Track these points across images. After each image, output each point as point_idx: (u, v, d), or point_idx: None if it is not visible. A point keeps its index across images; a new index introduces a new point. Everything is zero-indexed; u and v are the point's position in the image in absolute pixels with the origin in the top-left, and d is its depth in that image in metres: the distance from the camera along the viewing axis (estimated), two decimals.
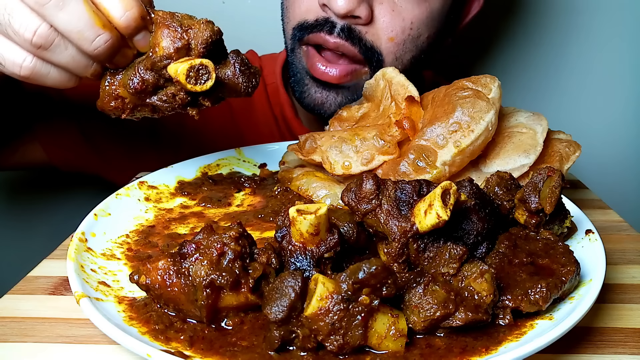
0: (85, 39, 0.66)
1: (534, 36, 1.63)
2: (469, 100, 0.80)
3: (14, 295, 0.69)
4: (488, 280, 0.56)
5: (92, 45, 0.67)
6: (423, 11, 1.08)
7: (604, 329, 0.63)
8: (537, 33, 1.62)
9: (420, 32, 1.09)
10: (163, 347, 0.54)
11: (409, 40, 1.08)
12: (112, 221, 0.79)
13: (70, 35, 0.66)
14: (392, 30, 1.06)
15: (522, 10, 1.61)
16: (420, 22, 1.08)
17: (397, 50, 1.08)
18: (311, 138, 0.89)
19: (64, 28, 0.65)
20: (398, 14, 1.06)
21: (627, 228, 0.87)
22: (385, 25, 1.06)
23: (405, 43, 1.08)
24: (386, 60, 1.09)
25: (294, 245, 0.59)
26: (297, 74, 1.16)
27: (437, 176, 0.79)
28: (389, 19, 1.06)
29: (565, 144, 0.86)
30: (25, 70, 0.68)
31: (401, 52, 1.09)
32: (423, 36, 1.10)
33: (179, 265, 0.58)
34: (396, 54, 1.09)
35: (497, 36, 1.64)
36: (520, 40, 1.63)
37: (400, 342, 0.54)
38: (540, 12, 1.61)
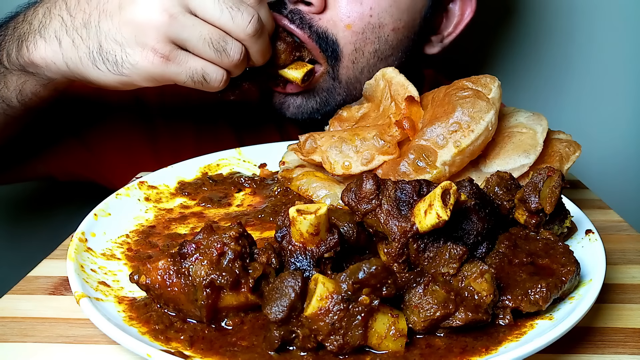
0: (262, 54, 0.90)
1: (534, 36, 1.63)
2: (469, 100, 0.80)
3: (14, 295, 0.69)
4: (488, 280, 0.56)
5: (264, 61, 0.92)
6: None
7: (604, 329, 0.63)
8: (537, 33, 1.62)
9: (383, 22, 1.01)
10: (163, 347, 0.54)
11: (368, 29, 1.00)
12: (112, 221, 0.79)
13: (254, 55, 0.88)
14: (349, 17, 0.98)
15: (523, 11, 1.61)
16: (381, 9, 1.00)
17: (357, 40, 1.00)
18: (311, 138, 0.89)
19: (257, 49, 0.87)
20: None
21: (627, 228, 0.87)
22: (341, 10, 0.98)
23: (365, 32, 1.00)
24: (344, 51, 1.01)
25: (294, 245, 0.59)
26: None
27: (437, 176, 0.79)
28: (344, 4, 0.98)
29: (565, 144, 0.86)
30: (222, 85, 0.86)
31: (361, 42, 1.01)
32: (387, 27, 1.02)
33: (179, 265, 0.58)
34: (355, 45, 1.01)
35: (497, 36, 1.64)
36: (521, 40, 1.63)
37: (400, 342, 0.54)
38: (540, 12, 1.60)
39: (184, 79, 0.83)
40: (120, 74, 0.82)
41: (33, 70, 0.88)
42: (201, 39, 0.81)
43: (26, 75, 0.90)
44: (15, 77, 0.91)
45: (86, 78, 0.86)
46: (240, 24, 0.82)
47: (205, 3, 0.80)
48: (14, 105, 0.94)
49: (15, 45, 0.89)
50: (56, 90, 0.95)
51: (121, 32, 0.80)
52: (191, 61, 0.82)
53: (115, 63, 0.82)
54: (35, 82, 0.91)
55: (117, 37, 0.81)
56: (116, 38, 0.81)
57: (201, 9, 0.80)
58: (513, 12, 1.61)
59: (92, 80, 0.86)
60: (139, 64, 0.81)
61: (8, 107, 0.95)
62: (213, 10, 0.80)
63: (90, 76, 0.85)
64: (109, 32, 0.81)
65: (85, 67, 0.83)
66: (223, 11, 0.80)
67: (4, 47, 0.91)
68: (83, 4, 0.84)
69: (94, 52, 0.82)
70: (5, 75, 0.91)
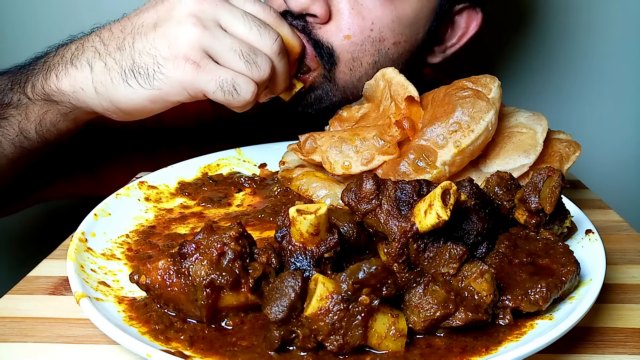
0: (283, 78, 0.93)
1: (534, 36, 1.63)
2: (469, 100, 0.80)
3: (14, 295, 0.69)
4: (488, 280, 0.56)
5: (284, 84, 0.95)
6: (387, 14, 1.02)
7: (604, 329, 0.63)
8: (537, 33, 1.62)
9: (383, 36, 1.03)
10: (163, 347, 0.54)
11: (368, 42, 1.02)
12: (112, 221, 0.79)
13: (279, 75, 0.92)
14: (350, 29, 1.00)
15: (523, 11, 1.61)
16: (383, 25, 1.02)
17: (354, 50, 1.02)
18: (311, 138, 0.89)
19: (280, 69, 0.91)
20: (358, 12, 1.00)
21: (627, 228, 0.87)
22: (342, 22, 1.00)
23: (364, 44, 1.02)
24: (341, 58, 1.02)
25: (294, 245, 0.59)
26: None
27: (437, 176, 0.79)
28: (347, 17, 1.00)
29: (565, 144, 0.86)
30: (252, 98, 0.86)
31: (359, 52, 1.03)
32: (387, 41, 1.04)
33: (179, 265, 0.58)
34: (353, 54, 1.02)
35: (497, 36, 1.64)
36: (521, 40, 1.63)
37: (400, 342, 0.54)
38: (540, 13, 1.61)
39: (214, 88, 0.83)
40: (151, 87, 0.83)
41: (57, 99, 0.90)
42: (232, 50, 0.84)
43: (48, 105, 0.92)
44: (37, 107, 0.92)
45: (114, 101, 0.86)
46: (268, 41, 0.87)
47: (235, 19, 0.85)
48: (31, 137, 0.95)
49: (42, 75, 0.90)
50: (75, 122, 0.96)
51: (155, 45, 0.84)
52: (221, 71, 0.84)
53: (147, 76, 0.84)
54: (56, 112, 0.92)
55: (150, 51, 0.84)
56: (150, 52, 0.84)
57: (231, 24, 0.85)
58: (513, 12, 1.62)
59: (122, 101, 0.86)
60: (170, 73, 0.83)
61: (25, 140, 0.95)
62: (243, 26, 0.85)
63: (120, 97, 0.85)
64: (143, 49, 0.84)
65: (116, 86, 0.85)
66: (252, 28, 0.86)
67: (30, 79, 0.92)
68: (117, 33, 0.87)
69: (126, 70, 0.84)
70: (27, 106, 0.93)
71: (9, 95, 0.94)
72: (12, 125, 0.94)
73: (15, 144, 0.95)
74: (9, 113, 0.93)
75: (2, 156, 0.96)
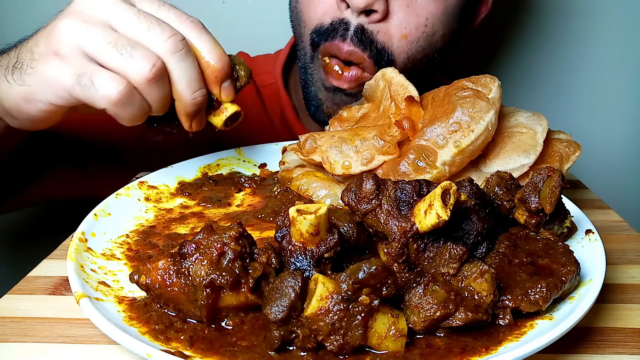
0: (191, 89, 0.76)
1: (534, 36, 1.63)
2: (469, 100, 0.81)
3: (14, 295, 0.69)
4: (488, 280, 0.56)
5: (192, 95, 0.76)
6: (438, 6, 1.05)
7: (604, 329, 0.63)
8: (537, 33, 1.62)
9: (435, 30, 1.06)
10: (163, 347, 0.54)
11: (422, 38, 1.05)
12: (112, 221, 0.79)
13: (179, 82, 0.74)
14: (406, 27, 1.03)
15: (523, 11, 1.61)
16: (435, 19, 1.05)
17: (410, 48, 1.05)
18: (311, 138, 0.89)
19: (178, 74, 0.74)
20: (413, 9, 1.03)
21: (627, 228, 0.87)
22: (399, 21, 1.02)
23: (419, 41, 1.05)
24: (397, 60, 1.05)
25: (294, 245, 0.59)
26: (311, 86, 1.13)
27: (437, 176, 0.79)
28: (403, 15, 1.02)
29: (565, 144, 0.86)
30: (117, 96, 0.71)
31: (414, 50, 1.06)
32: (438, 34, 1.07)
33: (179, 265, 0.58)
34: (408, 53, 1.05)
35: (497, 36, 1.64)
36: (521, 40, 1.64)
37: (400, 342, 0.54)
38: (540, 12, 1.61)
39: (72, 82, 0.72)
40: (22, 83, 0.76)
41: None
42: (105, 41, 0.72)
43: None
44: None
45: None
46: (158, 36, 0.72)
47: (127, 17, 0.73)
48: None
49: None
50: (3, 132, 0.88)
51: (37, 41, 0.76)
52: (86, 64, 0.72)
53: (21, 72, 0.76)
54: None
55: (32, 47, 0.76)
56: (32, 48, 0.76)
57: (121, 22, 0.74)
58: (513, 12, 1.62)
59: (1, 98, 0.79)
60: (38, 67, 0.74)
61: None
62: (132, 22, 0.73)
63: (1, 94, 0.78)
64: (29, 46, 0.77)
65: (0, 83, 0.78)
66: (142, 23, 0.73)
67: None
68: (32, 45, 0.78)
69: (10, 66, 0.78)
70: None
71: None
72: None
73: None
74: None
75: None
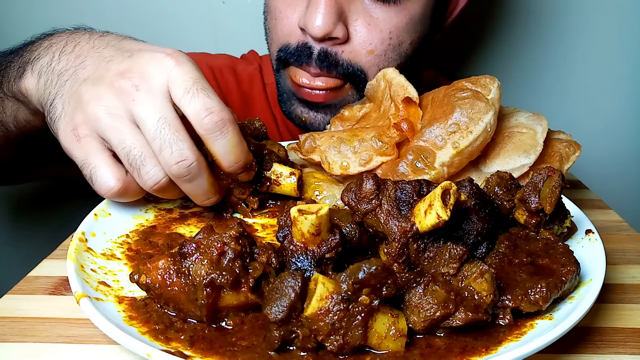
0: (198, 199, 0.79)
1: (534, 36, 1.63)
2: (468, 101, 0.80)
3: (14, 295, 0.69)
4: (488, 280, 0.56)
5: (202, 203, 0.79)
6: (402, 19, 1.05)
7: (604, 329, 0.63)
8: (537, 33, 1.62)
9: (402, 40, 1.07)
10: (163, 347, 0.54)
11: (390, 50, 1.06)
12: (112, 221, 0.79)
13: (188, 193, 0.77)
14: (371, 44, 1.04)
15: (523, 10, 1.61)
16: (399, 30, 1.06)
17: (379, 61, 1.06)
18: (310, 138, 0.89)
19: (186, 190, 0.76)
20: (375, 26, 1.04)
21: (627, 228, 0.87)
22: (362, 40, 1.04)
23: (387, 53, 1.06)
24: (369, 74, 1.07)
25: (296, 245, 0.59)
26: (283, 94, 1.16)
27: (435, 177, 0.79)
28: (365, 34, 1.04)
29: (565, 144, 0.86)
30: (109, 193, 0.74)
31: (384, 63, 1.07)
32: (405, 43, 1.08)
33: (179, 264, 0.58)
34: (379, 66, 1.06)
35: (497, 36, 1.64)
36: (521, 40, 1.64)
37: (400, 342, 0.54)
38: (540, 12, 1.61)
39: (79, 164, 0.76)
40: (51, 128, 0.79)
41: (22, 99, 0.89)
42: (121, 144, 0.73)
43: (18, 103, 0.92)
44: (10, 103, 0.93)
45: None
46: (166, 160, 0.72)
47: (146, 121, 0.73)
48: (11, 129, 0.97)
49: (15, 72, 0.89)
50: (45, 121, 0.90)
51: (69, 99, 0.77)
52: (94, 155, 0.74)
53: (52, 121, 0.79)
54: (26, 110, 0.92)
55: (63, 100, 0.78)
56: (62, 100, 0.78)
57: (141, 123, 0.73)
58: (513, 12, 1.62)
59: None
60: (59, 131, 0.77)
61: (7, 131, 0.97)
62: (148, 132, 0.73)
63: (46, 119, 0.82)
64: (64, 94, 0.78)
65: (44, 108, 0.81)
66: (155, 139, 0.72)
67: (7, 73, 0.91)
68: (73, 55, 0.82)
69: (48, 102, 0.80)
70: (3, 100, 0.93)
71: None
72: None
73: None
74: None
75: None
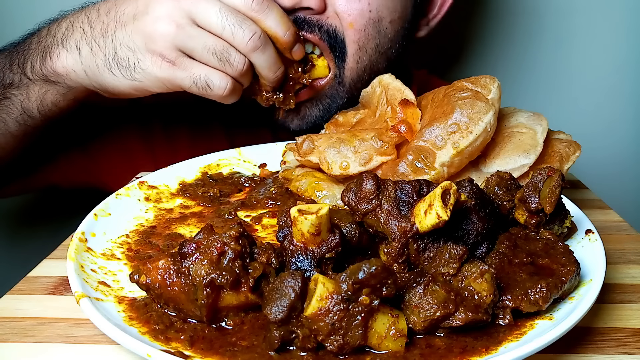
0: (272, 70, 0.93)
1: (535, 36, 1.63)
2: (468, 101, 0.80)
3: (14, 295, 0.69)
4: (488, 280, 0.56)
5: (273, 76, 0.94)
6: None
7: (604, 329, 0.63)
8: (537, 33, 1.62)
9: (381, 15, 1.03)
10: (163, 347, 0.54)
11: (370, 25, 1.03)
12: (112, 221, 0.79)
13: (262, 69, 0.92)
14: (350, 15, 1.00)
15: (523, 10, 1.61)
16: (378, 4, 1.02)
17: (360, 37, 1.02)
18: (309, 139, 0.89)
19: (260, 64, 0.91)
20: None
21: (627, 228, 0.87)
22: (341, 9, 1.00)
23: (367, 28, 1.03)
24: (349, 50, 1.03)
25: (296, 245, 0.59)
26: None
27: (435, 177, 0.78)
28: (344, 2, 1.00)
29: (565, 144, 0.86)
30: (227, 92, 0.90)
31: (364, 39, 1.03)
32: (385, 20, 1.04)
33: (179, 264, 0.58)
34: (359, 43, 1.03)
35: (497, 36, 1.64)
36: (521, 40, 1.63)
37: (400, 342, 0.54)
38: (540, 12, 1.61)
39: (188, 84, 0.88)
40: (132, 78, 0.88)
41: (55, 80, 0.94)
42: (205, 48, 0.87)
43: (48, 85, 0.96)
44: (37, 87, 0.96)
45: (102, 85, 0.92)
46: (241, 39, 0.87)
47: (209, 18, 0.86)
48: (34, 116, 1.00)
49: (39, 57, 0.94)
50: (75, 100, 1.00)
51: (133, 39, 0.87)
52: (195, 67, 0.88)
53: (129, 68, 0.88)
54: (55, 92, 0.97)
55: (129, 44, 0.88)
56: (129, 45, 0.88)
57: (206, 22, 0.87)
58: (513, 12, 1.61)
59: (108, 86, 0.91)
60: (148, 69, 0.87)
61: (29, 118, 1.00)
62: (216, 26, 0.86)
63: (107, 82, 0.91)
64: (123, 40, 0.88)
65: (102, 73, 0.90)
66: (225, 27, 0.86)
67: (28, 60, 0.96)
68: (103, 16, 0.91)
69: (109, 58, 0.89)
70: (28, 86, 0.97)
71: (9, 76, 0.98)
72: (14, 104, 0.98)
73: (19, 122, 0.99)
74: (11, 93, 0.97)
75: (7, 134, 1.00)
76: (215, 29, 0.86)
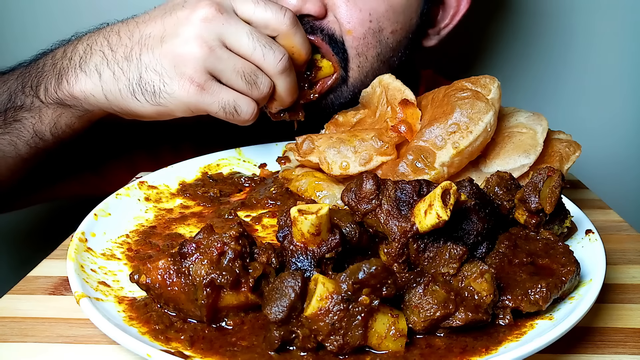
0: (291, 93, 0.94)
1: (535, 36, 1.63)
2: (468, 101, 0.80)
3: (14, 295, 0.69)
4: (488, 280, 0.56)
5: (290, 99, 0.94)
6: (381, 3, 1.02)
7: (604, 329, 0.63)
8: (537, 33, 1.62)
9: (382, 26, 1.03)
10: (163, 347, 0.54)
11: (369, 34, 1.03)
12: (112, 221, 0.79)
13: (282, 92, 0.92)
14: (349, 22, 1.00)
15: (523, 10, 1.61)
16: (379, 15, 1.02)
17: (358, 45, 1.02)
18: (309, 139, 0.89)
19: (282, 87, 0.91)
20: (354, 4, 1.01)
21: (627, 228, 0.87)
22: (341, 16, 1.00)
23: (366, 37, 1.03)
24: (349, 54, 1.03)
25: (296, 245, 0.59)
26: None
27: (435, 177, 0.78)
28: (344, 10, 1.00)
29: (565, 144, 0.86)
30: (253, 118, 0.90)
31: (363, 47, 1.03)
32: (386, 31, 1.04)
33: (179, 264, 0.58)
34: (357, 50, 1.03)
35: (497, 36, 1.64)
36: (521, 40, 1.63)
37: (400, 342, 0.54)
38: (540, 12, 1.61)
39: (216, 109, 0.86)
40: (157, 103, 0.86)
41: (71, 103, 0.91)
42: (234, 71, 0.85)
43: (62, 108, 0.93)
44: (50, 110, 0.94)
45: (123, 109, 0.89)
46: (271, 62, 0.87)
47: (240, 40, 0.85)
48: (46, 138, 0.97)
49: (54, 80, 0.92)
50: (90, 121, 0.98)
51: (161, 63, 0.85)
52: (224, 93, 0.86)
53: (153, 93, 0.85)
54: (71, 115, 0.94)
55: (156, 68, 0.85)
56: (156, 69, 0.85)
57: (236, 44, 0.85)
58: (513, 12, 1.62)
59: (131, 111, 0.89)
60: (175, 93, 0.85)
61: (41, 141, 0.98)
62: (247, 47, 0.85)
63: (129, 107, 0.88)
64: (150, 64, 0.85)
65: (125, 98, 0.87)
66: (256, 48, 0.86)
67: (42, 82, 0.94)
68: (125, 40, 0.88)
69: (133, 83, 0.86)
70: (40, 109, 0.94)
71: (21, 98, 0.95)
72: (26, 127, 0.95)
73: (30, 145, 0.97)
74: (22, 116, 0.95)
75: (17, 156, 0.98)
76: (245, 51, 0.86)
